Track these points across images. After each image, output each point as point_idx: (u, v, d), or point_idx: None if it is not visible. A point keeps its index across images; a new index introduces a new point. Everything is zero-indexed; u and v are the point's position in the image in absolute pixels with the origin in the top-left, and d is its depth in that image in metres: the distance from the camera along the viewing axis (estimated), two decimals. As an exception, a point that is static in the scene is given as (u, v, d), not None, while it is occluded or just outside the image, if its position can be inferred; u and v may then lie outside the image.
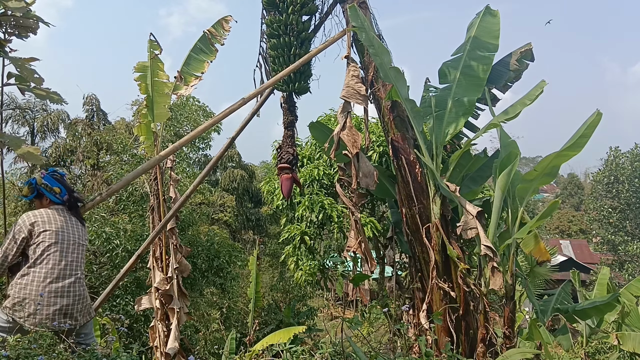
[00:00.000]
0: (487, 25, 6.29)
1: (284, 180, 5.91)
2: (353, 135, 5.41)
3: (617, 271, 25.69)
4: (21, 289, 3.33)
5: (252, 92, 5.51)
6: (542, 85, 5.32)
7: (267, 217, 22.18)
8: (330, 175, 11.89)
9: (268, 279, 18.16)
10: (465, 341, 5.81)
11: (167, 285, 6.70)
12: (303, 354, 4.03)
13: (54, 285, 3.39)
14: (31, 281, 3.35)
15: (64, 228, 3.56)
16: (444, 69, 6.34)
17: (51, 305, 3.34)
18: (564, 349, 7.80)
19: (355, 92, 5.54)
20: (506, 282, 5.53)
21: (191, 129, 15.98)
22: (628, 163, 27.93)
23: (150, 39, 6.79)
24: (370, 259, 5.54)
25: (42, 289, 3.34)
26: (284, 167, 5.86)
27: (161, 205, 6.93)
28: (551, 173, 5.37)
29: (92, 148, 15.49)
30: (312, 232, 11.59)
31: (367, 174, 5.48)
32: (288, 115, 6.09)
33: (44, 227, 3.47)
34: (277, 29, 5.96)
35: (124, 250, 11.14)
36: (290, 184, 5.92)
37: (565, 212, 45.75)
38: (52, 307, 3.34)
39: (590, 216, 31.43)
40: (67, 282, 3.45)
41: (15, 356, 2.70)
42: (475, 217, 5.40)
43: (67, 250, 3.53)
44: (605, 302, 6.36)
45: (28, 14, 3.40)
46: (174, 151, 5.61)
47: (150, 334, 7.05)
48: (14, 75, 3.46)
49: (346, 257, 5.64)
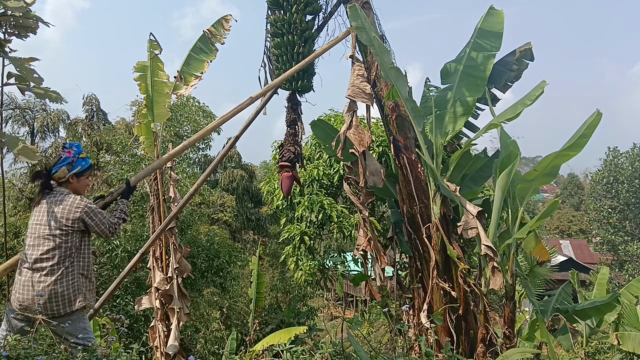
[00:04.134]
0: (490, 25, 6.28)
1: (284, 179, 5.92)
2: (360, 133, 5.42)
3: (617, 271, 25.69)
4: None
5: (260, 91, 5.52)
6: (543, 85, 5.31)
7: (267, 217, 22.17)
8: (330, 175, 11.89)
9: (268, 279, 18.16)
10: (465, 341, 5.80)
11: (167, 285, 6.70)
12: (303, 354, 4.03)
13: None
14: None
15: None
16: (446, 69, 6.34)
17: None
18: (564, 349, 7.81)
19: (361, 91, 5.55)
20: (506, 282, 5.53)
21: (191, 129, 15.97)
22: (628, 163, 27.93)
23: (150, 39, 6.79)
24: (380, 256, 5.55)
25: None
26: (285, 165, 5.87)
27: (161, 205, 6.93)
28: (551, 173, 5.37)
29: (92, 148, 15.48)
30: (312, 232, 11.59)
31: (374, 172, 5.49)
32: (291, 113, 6.10)
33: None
34: (280, 27, 5.98)
35: (123, 251, 11.15)
36: (290, 182, 5.92)
37: (565, 212, 45.75)
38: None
39: (590, 216, 31.44)
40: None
41: (15, 356, 2.70)
42: (476, 217, 5.39)
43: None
44: (605, 302, 6.36)
45: (28, 14, 3.40)
46: (185, 148, 5.57)
47: (150, 334, 7.05)
48: (14, 75, 3.46)
49: (356, 255, 5.66)
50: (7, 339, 2.96)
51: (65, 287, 3.35)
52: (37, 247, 3.38)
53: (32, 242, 3.42)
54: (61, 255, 3.38)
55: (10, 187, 14.84)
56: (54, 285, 3.31)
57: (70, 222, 3.41)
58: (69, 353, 3.05)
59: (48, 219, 3.41)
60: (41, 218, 3.44)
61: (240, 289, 15.03)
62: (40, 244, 3.38)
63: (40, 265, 3.35)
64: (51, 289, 3.30)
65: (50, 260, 3.35)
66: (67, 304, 3.36)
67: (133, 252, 10.54)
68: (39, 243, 3.39)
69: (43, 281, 3.31)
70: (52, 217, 3.41)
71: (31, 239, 3.43)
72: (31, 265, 3.36)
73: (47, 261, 3.35)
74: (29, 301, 3.29)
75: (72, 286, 3.39)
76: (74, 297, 3.39)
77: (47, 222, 3.40)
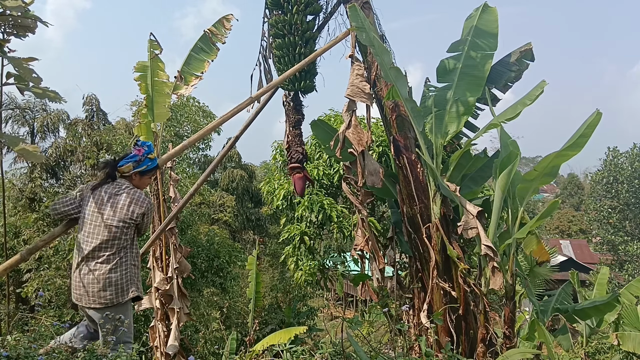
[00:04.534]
0: (486, 23, 6.25)
1: (297, 180, 5.91)
2: (359, 133, 5.42)
3: (617, 271, 25.67)
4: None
5: (261, 90, 5.52)
6: (543, 85, 5.31)
7: (267, 217, 22.16)
8: (330, 175, 11.89)
9: (268, 279, 18.15)
10: (465, 341, 5.80)
11: (167, 285, 6.70)
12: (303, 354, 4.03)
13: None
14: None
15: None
16: (443, 67, 6.31)
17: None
18: (564, 349, 7.80)
19: (360, 90, 5.55)
20: (506, 282, 5.52)
21: (191, 129, 15.98)
22: (627, 163, 27.91)
23: (150, 39, 6.79)
24: (378, 256, 5.55)
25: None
26: (295, 166, 5.86)
27: (161, 205, 6.93)
28: (551, 173, 5.36)
29: (92, 148, 15.46)
30: (312, 232, 11.59)
31: (373, 172, 5.49)
32: (295, 114, 6.10)
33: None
34: (281, 28, 5.98)
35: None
36: (304, 183, 5.93)
37: (565, 212, 45.75)
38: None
39: (590, 216, 31.42)
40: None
41: (15, 356, 2.70)
42: (476, 217, 5.39)
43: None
44: (605, 302, 6.35)
45: (26, 13, 3.39)
46: (184, 148, 5.56)
47: (150, 334, 7.05)
48: (13, 75, 3.45)
49: (354, 255, 5.65)
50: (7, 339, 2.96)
51: (120, 276, 3.41)
52: (97, 235, 3.42)
53: (90, 230, 3.45)
54: (119, 246, 3.44)
55: (10, 187, 14.82)
56: (109, 273, 3.37)
57: (134, 215, 3.48)
58: (111, 346, 3.11)
59: (112, 210, 3.46)
60: (102, 207, 3.48)
61: (240, 289, 15.03)
62: (100, 233, 3.42)
63: (97, 254, 3.40)
64: (107, 276, 3.36)
65: (108, 250, 3.41)
66: (121, 293, 3.42)
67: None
68: (98, 232, 3.42)
69: (98, 269, 3.37)
70: (115, 208, 3.47)
71: (90, 227, 3.45)
72: (88, 254, 3.41)
73: (105, 250, 3.41)
74: (81, 290, 3.37)
75: (126, 275, 3.46)
76: (127, 287, 3.46)
77: (109, 213, 3.46)
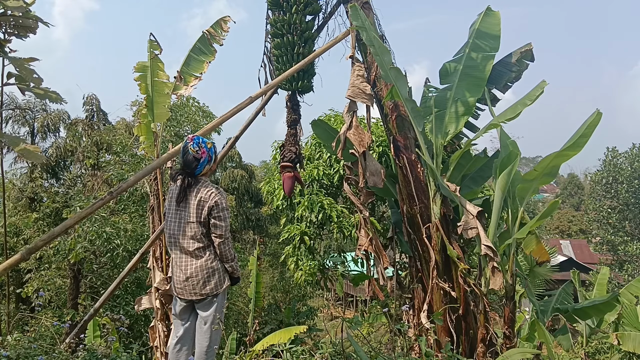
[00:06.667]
0: (488, 25, 6.29)
1: (286, 179, 5.92)
2: (360, 134, 5.42)
3: (617, 271, 25.67)
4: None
5: (259, 91, 5.53)
6: (543, 85, 5.31)
7: (267, 217, 22.15)
8: (329, 175, 11.88)
9: (268, 279, 18.15)
10: (465, 341, 5.80)
11: (167, 285, 6.69)
12: (303, 354, 4.03)
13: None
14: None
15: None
16: (445, 68, 6.34)
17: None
18: (564, 349, 7.80)
19: (361, 91, 5.55)
20: (506, 282, 5.52)
21: (191, 129, 15.97)
22: (627, 164, 27.91)
23: (150, 39, 6.79)
24: (382, 256, 5.55)
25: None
26: (286, 165, 5.87)
27: (161, 205, 6.92)
28: (551, 173, 5.36)
29: (92, 148, 15.47)
30: (312, 232, 11.57)
31: (375, 172, 5.49)
32: (291, 113, 6.10)
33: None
34: (280, 28, 5.99)
35: (124, 250, 11.13)
36: (292, 183, 5.93)
37: (565, 212, 45.79)
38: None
39: (590, 216, 31.42)
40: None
41: (15, 356, 2.70)
42: (476, 217, 5.39)
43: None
44: (605, 302, 6.35)
45: (27, 14, 3.40)
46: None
47: (150, 334, 7.04)
48: (14, 75, 3.46)
49: (359, 255, 5.65)
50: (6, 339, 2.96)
51: (217, 268, 3.69)
52: (188, 231, 3.62)
53: (181, 228, 3.64)
54: (209, 239, 3.67)
55: (10, 187, 14.83)
56: (211, 264, 3.65)
57: (207, 210, 3.63)
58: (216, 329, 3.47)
59: (196, 207, 3.64)
60: (189, 206, 3.65)
61: (240, 289, 15.03)
62: (191, 229, 3.62)
63: (195, 246, 3.62)
64: (209, 267, 3.63)
65: (200, 242, 3.63)
66: (219, 283, 3.70)
67: (133, 252, 10.53)
68: (191, 228, 3.62)
69: (200, 263, 3.63)
70: (198, 205, 3.64)
71: (181, 225, 3.63)
72: (184, 250, 3.64)
73: (199, 242, 3.63)
74: (183, 283, 3.62)
75: (221, 267, 3.73)
76: (224, 277, 3.74)
77: (194, 210, 3.64)
